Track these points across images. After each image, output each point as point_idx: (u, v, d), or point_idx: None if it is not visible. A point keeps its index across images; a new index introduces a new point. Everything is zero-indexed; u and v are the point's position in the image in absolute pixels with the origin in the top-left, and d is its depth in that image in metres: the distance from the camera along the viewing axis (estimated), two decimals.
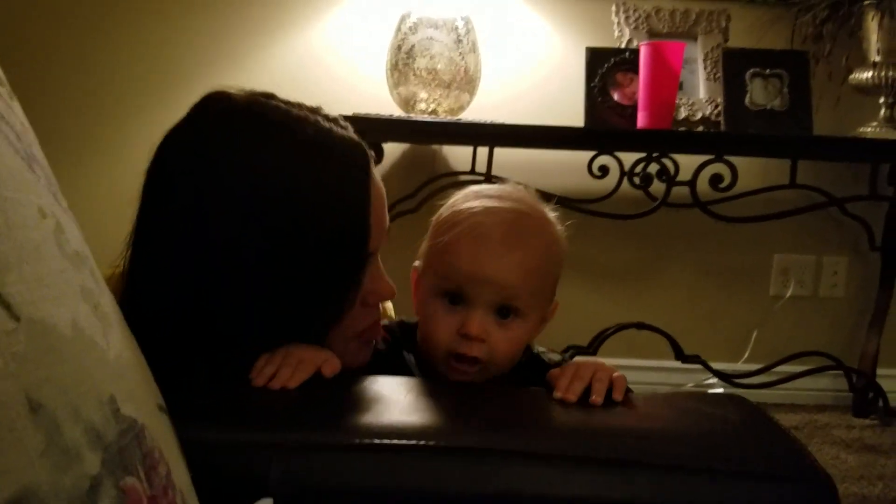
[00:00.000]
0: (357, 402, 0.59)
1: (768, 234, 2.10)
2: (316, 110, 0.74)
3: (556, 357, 0.83)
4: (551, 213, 0.84)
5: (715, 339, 2.16)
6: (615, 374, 0.68)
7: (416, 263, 0.84)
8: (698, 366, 1.99)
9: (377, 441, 0.52)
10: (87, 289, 0.31)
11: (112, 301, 0.35)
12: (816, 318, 2.20)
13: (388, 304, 1.01)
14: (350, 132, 0.75)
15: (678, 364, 2.00)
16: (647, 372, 2.14)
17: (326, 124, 0.73)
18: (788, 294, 2.17)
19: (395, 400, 0.59)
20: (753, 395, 2.08)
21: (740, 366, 2.12)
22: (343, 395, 0.60)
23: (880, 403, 2.12)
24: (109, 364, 0.31)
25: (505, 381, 0.79)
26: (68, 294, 0.29)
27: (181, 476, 0.34)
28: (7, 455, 0.22)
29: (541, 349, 0.85)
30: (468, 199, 0.80)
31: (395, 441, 0.53)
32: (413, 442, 0.53)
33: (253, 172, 0.67)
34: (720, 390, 2.12)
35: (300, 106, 0.73)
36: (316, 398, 0.59)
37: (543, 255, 0.79)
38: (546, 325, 0.85)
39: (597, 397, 0.63)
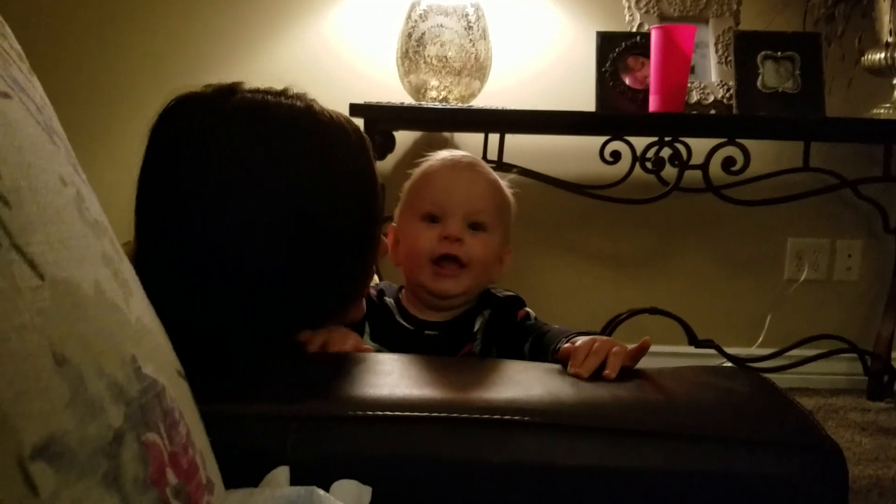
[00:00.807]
0: (369, 376, 0.60)
1: (782, 218, 2.09)
2: (301, 96, 0.75)
3: (507, 291, 0.95)
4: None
5: (729, 324, 2.15)
6: (630, 350, 0.69)
7: (393, 224, 0.95)
8: (712, 351, 1.99)
9: (390, 413, 0.53)
10: (107, 255, 0.32)
11: (131, 270, 0.36)
12: (831, 301, 2.20)
13: None
14: (337, 113, 0.77)
15: (692, 349, 2.00)
16: (661, 357, 2.12)
17: (319, 108, 0.74)
18: (802, 278, 2.16)
19: (404, 374, 0.60)
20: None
21: (754, 350, 2.12)
22: (355, 370, 0.61)
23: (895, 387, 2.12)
24: (131, 326, 0.32)
25: (478, 307, 0.90)
26: (89, 258, 0.30)
27: (200, 437, 0.36)
28: (34, 403, 0.23)
29: (507, 292, 0.95)
30: (438, 155, 0.96)
31: (408, 413, 0.54)
32: (425, 414, 0.54)
33: (272, 169, 0.68)
34: None
35: (277, 93, 0.74)
36: (329, 373, 0.60)
37: (500, 187, 0.94)
38: (504, 270, 0.95)
39: (611, 372, 0.65)
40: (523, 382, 0.59)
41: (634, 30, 1.90)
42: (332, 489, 0.44)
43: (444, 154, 0.96)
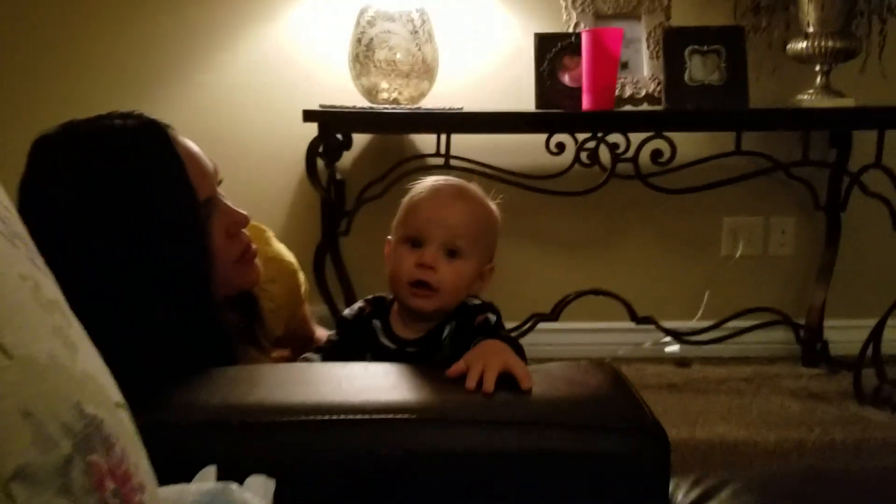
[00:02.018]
0: (288, 385, 0.73)
1: (717, 199, 2.22)
2: (111, 115, 0.92)
3: (477, 301, 1.05)
4: (492, 202, 1.09)
5: (670, 300, 2.30)
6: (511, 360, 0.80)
7: (389, 237, 1.06)
8: (652, 326, 2.14)
9: (304, 418, 0.67)
10: (57, 327, 0.45)
11: (78, 328, 0.49)
12: (767, 275, 2.35)
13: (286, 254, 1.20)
14: (142, 118, 0.93)
15: (633, 325, 2.14)
16: (606, 334, 2.29)
17: (122, 122, 0.90)
18: (738, 254, 2.31)
19: (318, 382, 0.73)
20: (707, 351, 2.26)
21: (694, 323, 2.27)
22: (276, 380, 0.74)
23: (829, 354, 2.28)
24: (76, 378, 0.44)
25: (448, 318, 1.01)
26: (43, 334, 0.43)
27: (134, 450, 0.48)
28: (8, 445, 0.36)
29: (475, 301, 1.06)
30: (428, 182, 1.06)
31: (313, 417, 0.68)
32: (327, 417, 0.67)
33: (81, 190, 0.81)
34: (676, 347, 2.28)
35: (100, 117, 0.90)
36: (257, 384, 0.73)
37: (482, 214, 1.04)
38: (486, 285, 1.06)
39: (488, 387, 0.75)
40: (416, 387, 0.72)
41: (572, 28, 2.02)
42: (246, 483, 0.58)
43: (431, 181, 1.05)
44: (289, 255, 1.24)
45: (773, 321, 2.24)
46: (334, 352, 1.02)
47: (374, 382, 0.74)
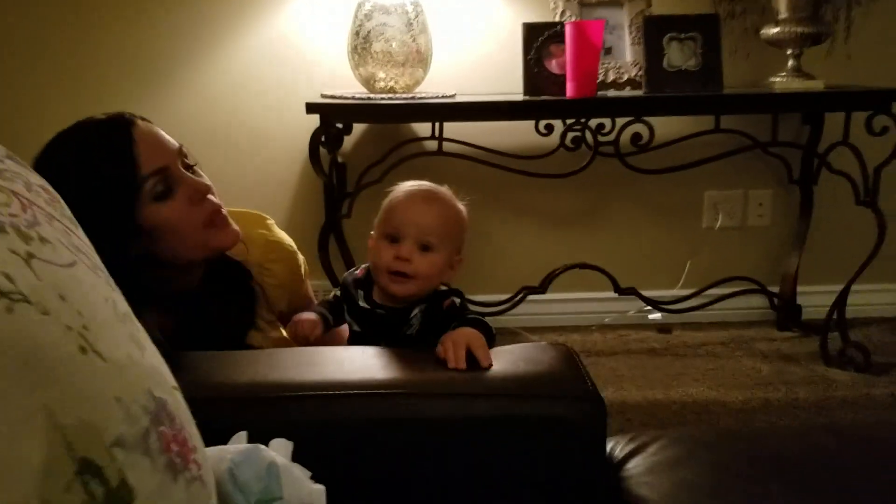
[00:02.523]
0: (301, 367, 0.90)
1: (699, 174, 2.36)
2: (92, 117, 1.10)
3: (444, 287, 1.19)
4: (460, 203, 1.23)
5: (653, 271, 2.46)
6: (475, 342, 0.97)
7: (372, 233, 1.21)
8: (632, 296, 2.30)
9: (312, 392, 0.84)
10: (130, 333, 0.61)
11: (144, 333, 0.65)
12: (746, 245, 2.50)
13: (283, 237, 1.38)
14: (112, 114, 1.11)
15: (616, 295, 2.31)
16: (592, 303, 2.45)
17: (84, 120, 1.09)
18: (718, 225, 2.46)
19: (326, 363, 0.90)
20: (687, 317, 2.42)
21: (676, 292, 2.43)
22: (293, 362, 0.91)
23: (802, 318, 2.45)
24: (146, 370, 0.60)
25: (420, 301, 1.16)
26: (123, 341, 0.59)
27: (188, 422, 0.65)
28: (108, 422, 0.52)
29: (442, 287, 1.21)
30: (404, 187, 1.21)
31: (323, 392, 0.84)
32: (335, 392, 0.84)
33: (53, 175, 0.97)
34: (658, 315, 2.44)
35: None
36: (273, 366, 0.90)
37: (451, 215, 1.19)
38: (455, 273, 1.21)
39: (458, 363, 0.91)
40: (403, 367, 0.89)
41: (559, 17, 2.14)
42: (270, 444, 0.74)
43: (407, 186, 1.21)
44: (288, 239, 1.39)
45: (750, 289, 2.40)
46: (335, 306, 1.23)
47: (370, 363, 0.91)
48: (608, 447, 0.93)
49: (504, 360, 0.90)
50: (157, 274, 1.11)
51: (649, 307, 2.36)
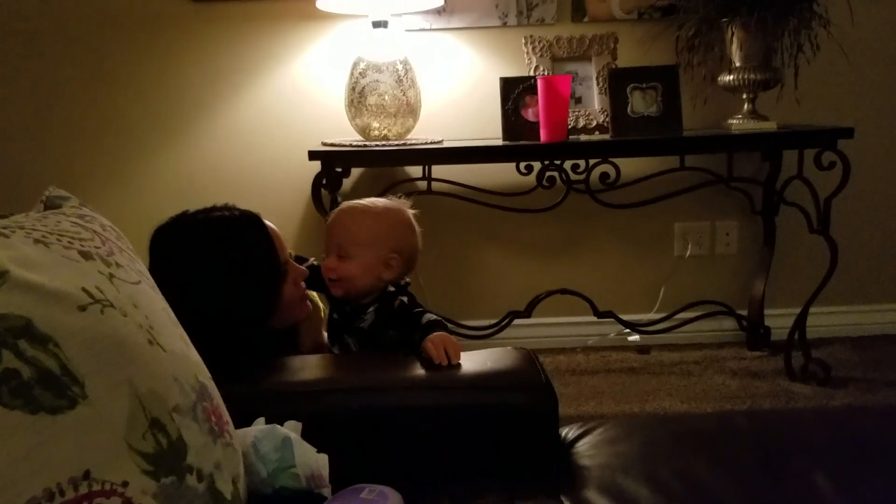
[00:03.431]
0: (311, 370, 1.10)
1: (668, 208, 2.58)
2: (214, 208, 1.26)
3: (392, 288, 1.39)
4: (402, 211, 1.44)
5: (630, 296, 2.66)
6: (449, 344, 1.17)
7: None
8: (612, 319, 2.50)
9: (318, 389, 1.04)
10: (180, 334, 0.81)
11: (184, 334, 0.85)
12: (714, 272, 2.70)
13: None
14: (237, 209, 1.27)
15: (595, 319, 2.51)
16: (575, 327, 2.65)
17: (229, 213, 1.25)
18: (688, 254, 2.67)
19: (331, 370, 1.11)
20: (664, 339, 2.62)
21: (652, 315, 2.63)
22: (304, 368, 1.11)
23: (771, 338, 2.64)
24: (193, 361, 0.81)
25: (374, 301, 1.37)
26: (175, 339, 0.79)
27: (222, 404, 0.85)
28: (170, 393, 0.73)
29: (391, 289, 1.40)
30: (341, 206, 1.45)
31: (328, 387, 1.04)
32: (336, 387, 1.04)
33: (198, 267, 1.19)
34: (636, 337, 2.64)
35: (206, 210, 1.25)
36: (294, 369, 1.10)
37: (366, 224, 1.40)
38: (396, 271, 1.39)
39: (455, 359, 1.13)
40: (393, 367, 1.09)
41: (533, 71, 2.38)
42: (284, 425, 0.94)
43: (341, 205, 1.45)
44: (315, 296, 1.61)
45: (720, 311, 2.60)
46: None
47: (368, 365, 1.11)
48: (562, 433, 1.12)
49: (474, 360, 1.10)
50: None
51: (628, 330, 2.56)
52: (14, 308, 0.62)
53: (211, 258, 1.20)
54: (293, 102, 2.51)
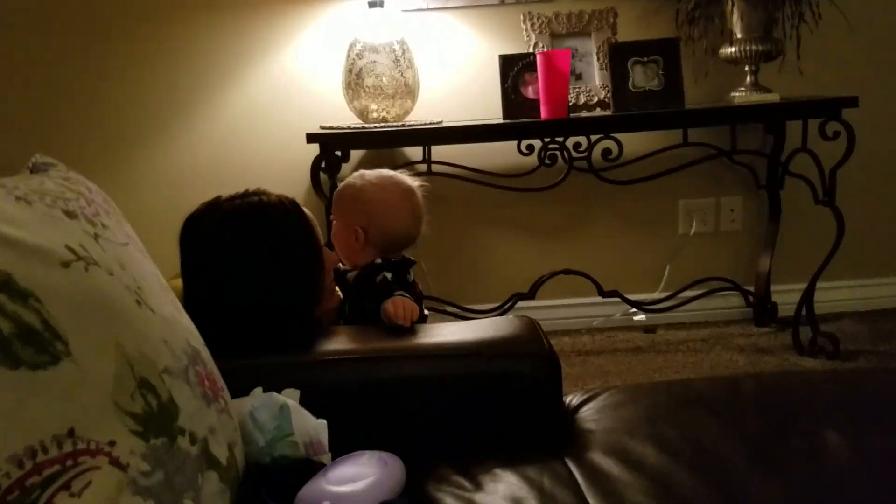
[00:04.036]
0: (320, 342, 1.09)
1: (672, 185, 2.55)
2: (257, 192, 1.21)
3: (379, 261, 1.37)
4: (387, 189, 1.43)
5: (635, 275, 2.64)
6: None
7: None
8: (617, 298, 2.48)
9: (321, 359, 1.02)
10: (171, 299, 0.79)
11: (177, 301, 0.83)
12: (720, 248, 2.67)
13: None
14: (273, 195, 1.22)
15: (601, 299, 2.48)
16: (581, 308, 2.63)
17: (266, 198, 1.20)
18: (693, 231, 2.64)
19: (333, 342, 1.09)
20: (670, 318, 2.59)
21: (657, 294, 2.60)
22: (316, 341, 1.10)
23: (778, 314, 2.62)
24: (184, 326, 0.79)
25: (350, 286, 1.36)
26: (166, 303, 0.77)
27: (216, 371, 0.83)
28: (159, 355, 0.71)
29: (378, 261, 1.38)
30: None
31: (329, 358, 1.03)
32: (339, 357, 1.03)
33: (232, 255, 1.15)
34: (642, 316, 2.62)
35: (241, 195, 1.20)
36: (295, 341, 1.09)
37: (343, 193, 1.44)
38: (361, 245, 1.39)
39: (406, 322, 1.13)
40: (394, 338, 1.08)
41: (532, 47, 2.35)
42: (282, 392, 0.92)
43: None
44: None
45: (726, 288, 2.57)
46: None
47: (367, 335, 1.10)
48: (566, 400, 1.10)
49: (476, 328, 1.09)
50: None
51: (634, 309, 2.53)
52: None
53: (245, 246, 1.14)
54: (290, 88, 2.49)
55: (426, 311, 1.52)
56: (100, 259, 0.71)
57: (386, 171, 1.47)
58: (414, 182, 1.47)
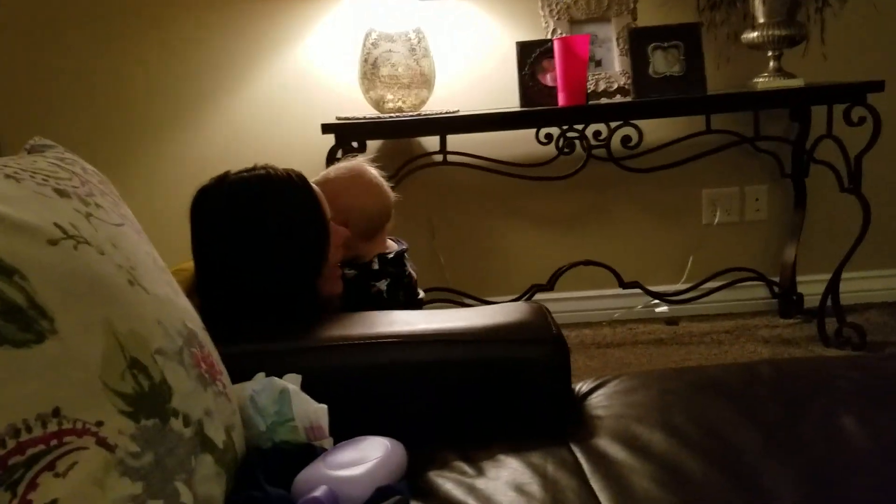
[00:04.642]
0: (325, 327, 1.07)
1: (696, 174, 2.51)
2: (265, 166, 1.21)
3: (376, 266, 1.39)
4: (336, 177, 1.48)
5: (657, 266, 2.60)
6: None
7: None
8: (639, 290, 2.44)
9: (329, 344, 1.01)
10: (167, 280, 0.78)
11: (174, 283, 0.82)
12: (745, 239, 2.62)
13: None
14: (280, 169, 1.22)
15: (621, 290, 2.45)
16: (601, 300, 2.59)
17: (272, 171, 1.20)
18: (717, 221, 2.59)
19: (338, 327, 1.07)
20: (693, 310, 2.55)
21: (680, 286, 2.56)
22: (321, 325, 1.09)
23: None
24: (181, 307, 0.78)
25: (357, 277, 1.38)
26: (161, 284, 0.76)
27: (215, 353, 0.82)
28: (152, 336, 0.70)
29: (375, 266, 1.41)
30: None
31: (336, 343, 1.01)
32: (346, 343, 1.01)
33: (241, 226, 1.15)
34: (664, 308, 2.57)
35: (254, 168, 1.20)
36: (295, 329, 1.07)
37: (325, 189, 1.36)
38: (353, 238, 1.37)
39: None
40: (400, 323, 1.06)
41: (549, 35, 2.32)
42: (283, 377, 0.91)
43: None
44: None
45: (751, 279, 2.52)
46: None
47: (372, 320, 1.08)
48: (576, 387, 1.08)
49: (483, 314, 1.06)
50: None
51: (656, 301, 2.49)
52: None
53: (251, 217, 1.16)
54: (306, 78, 2.48)
55: (422, 294, 1.52)
56: (91, 238, 0.70)
57: (329, 169, 1.49)
58: (354, 161, 1.50)
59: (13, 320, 0.59)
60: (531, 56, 2.23)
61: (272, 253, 1.16)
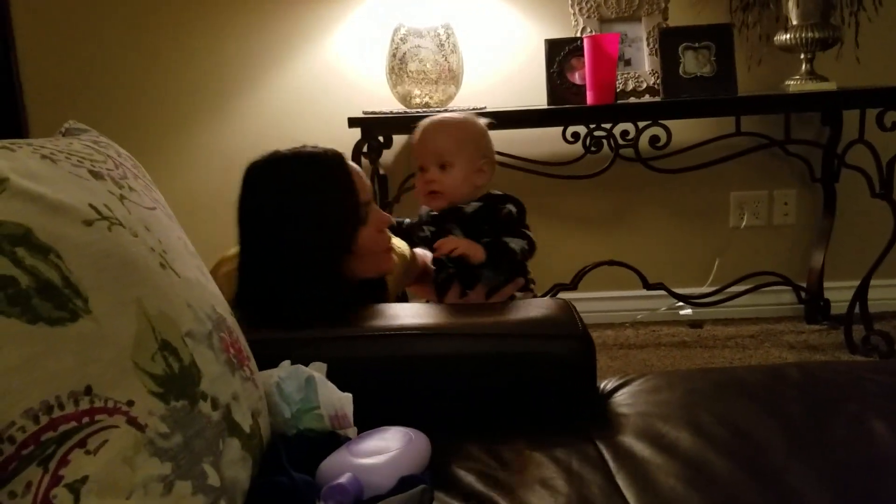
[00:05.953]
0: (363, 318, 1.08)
1: (724, 177, 2.49)
2: (304, 146, 1.24)
3: (498, 192, 1.48)
4: (477, 120, 1.51)
5: (684, 268, 2.58)
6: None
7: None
8: (663, 292, 2.42)
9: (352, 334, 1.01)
10: (197, 265, 0.79)
11: (202, 265, 0.83)
12: (772, 243, 2.60)
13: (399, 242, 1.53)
14: (322, 148, 1.24)
15: (646, 292, 2.43)
16: (625, 301, 2.58)
17: (311, 149, 1.22)
18: (744, 224, 2.57)
19: (373, 319, 1.08)
20: (718, 313, 2.53)
21: (705, 289, 2.54)
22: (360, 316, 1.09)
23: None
24: (210, 292, 0.78)
25: (468, 215, 1.42)
26: (191, 268, 0.77)
27: (243, 339, 0.82)
28: (182, 319, 0.70)
29: (496, 192, 1.48)
30: (420, 124, 1.48)
31: (365, 333, 1.01)
32: (377, 334, 1.01)
33: (282, 197, 1.18)
34: (689, 311, 2.56)
35: (296, 148, 1.22)
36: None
37: (457, 132, 1.45)
38: (488, 175, 1.47)
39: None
40: (427, 315, 1.06)
41: (579, 33, 2.31)
42: (309, 366, 0.91)
43: (423, 121, 1.47)
44: (405, 248, 1.55)
45: (777, 282, 2.49)
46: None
47: (399, 312, 1.08)
48: (601, 385, 1.07)
49: (511, 309, 1.06)
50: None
51: (680, 303, 2.47)
52: (12, 216, 0.60)
53: (284, 190, 1.19)
54: (334, 72, 2.49)
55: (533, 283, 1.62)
56: (124, 220, 0.70)
57: (455, 112, 1.59)
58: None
59: (49, 298, 0.60)
60: (560, 54, 2.22)
61: (299, 221, 1.18)
